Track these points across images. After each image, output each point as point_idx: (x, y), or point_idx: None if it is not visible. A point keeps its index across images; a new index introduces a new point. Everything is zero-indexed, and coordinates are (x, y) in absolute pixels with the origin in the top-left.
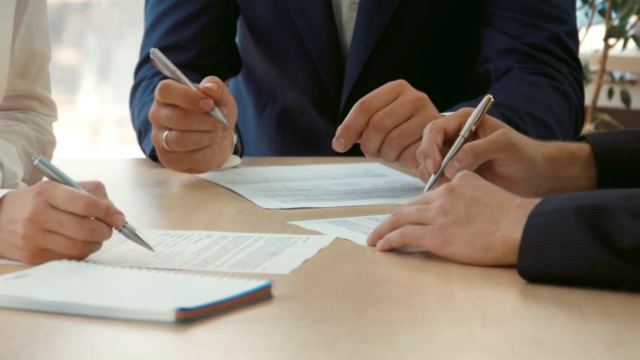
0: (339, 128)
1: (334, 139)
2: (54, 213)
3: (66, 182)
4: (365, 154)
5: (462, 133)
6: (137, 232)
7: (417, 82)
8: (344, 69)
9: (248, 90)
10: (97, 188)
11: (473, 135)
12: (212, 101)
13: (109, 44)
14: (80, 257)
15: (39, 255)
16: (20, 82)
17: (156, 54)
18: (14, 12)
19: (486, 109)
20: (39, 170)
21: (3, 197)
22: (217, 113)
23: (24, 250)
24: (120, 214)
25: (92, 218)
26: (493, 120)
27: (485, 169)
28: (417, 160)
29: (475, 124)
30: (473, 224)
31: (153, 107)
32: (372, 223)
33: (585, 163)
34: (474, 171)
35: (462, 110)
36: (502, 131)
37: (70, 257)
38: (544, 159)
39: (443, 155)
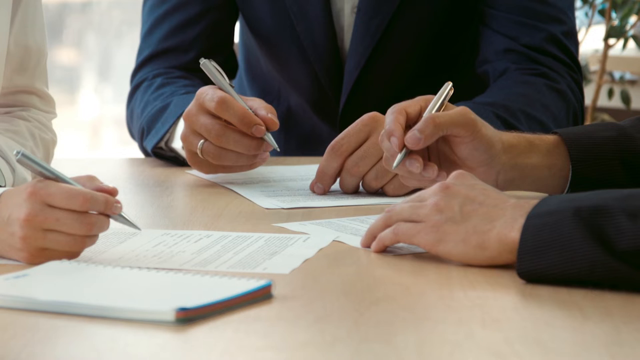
0: (316, 173)
1: (312, 184)
2: (51, 212)
3: (55, 175)
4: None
5: (425, 116)
6: (123, 213)
7: (414, 83)
8: (343, 72)
9: (252, 91)
10: (91, 180)
11: None
12: (264, 128)
13: (109, 44)
14: (79, 252)
15: (38, 255)
16: (18, 78)
17: (207, 65)
18: (11, 9)
19: (447, 95)
20: (23, 165)
21: None
22: (270, 139)
23: (22, 252)
24: (118, 202)
25: (90, 212)
26: (452, 106)
27: (444, 153)
28: (398, 192)
29: (436, 110)
30: (468, 222)
31: (192, 109)
32: (358, 224)
33: (545, 152)
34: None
35: (423, 96)
36: (463, 108)
37: (69, 254)
38: (502, 144)
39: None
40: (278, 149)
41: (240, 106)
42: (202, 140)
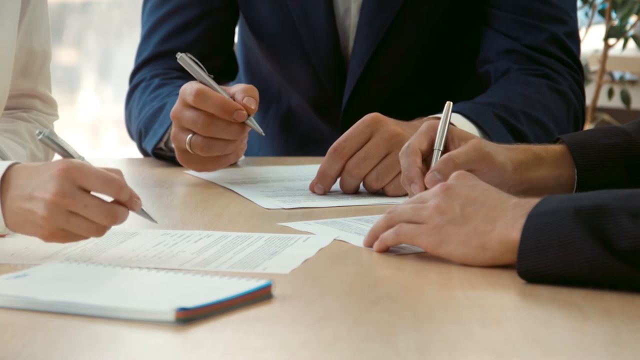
0: (317, 174)
1: (312, 184)
2: (81, 196)
3: (76, 158)
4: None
5: (436, 147)
6: (142, 208)
7: (416, 83)
8: (345, 72)
9: None
10: (118, 175)
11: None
12: (246, 113)
13: (109, 44)
14: (97, 237)
15: (57, 235)
16: (22, 81)
17: (184, 59)
18: (19, 13)
19: (449, 116)
20: (45, 144)
21: (9, 170)
22: (253, 123)
23: (42, 229)
24: (138, 198)
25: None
26: (459, 130)
27: None
28: (398, 192)
29: (445, 134)
30: (469, 223)
31: (177, 107)
32: (363, 224)
33: (553, 165)
34: None
35: (427, 125)
36: (475, 142)
37: (86, 238)
38: (512, 164)
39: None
40: (263, 133)
41: (217, 95)
42: (190, 135)
